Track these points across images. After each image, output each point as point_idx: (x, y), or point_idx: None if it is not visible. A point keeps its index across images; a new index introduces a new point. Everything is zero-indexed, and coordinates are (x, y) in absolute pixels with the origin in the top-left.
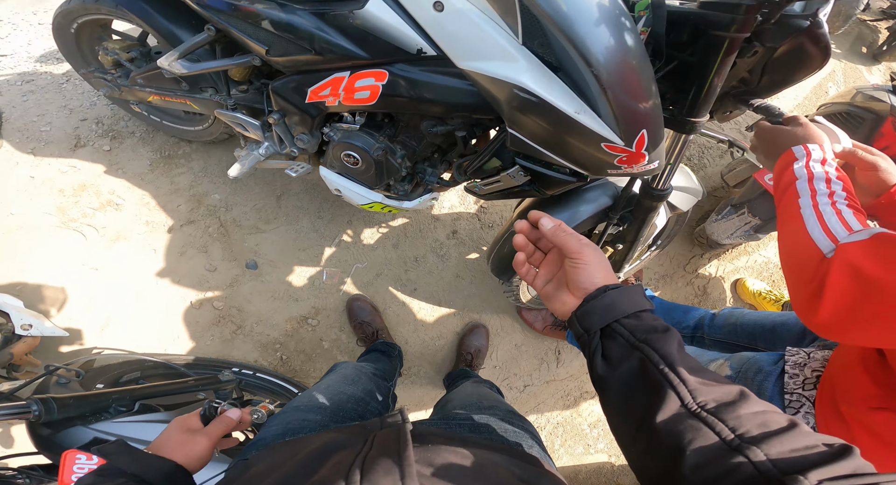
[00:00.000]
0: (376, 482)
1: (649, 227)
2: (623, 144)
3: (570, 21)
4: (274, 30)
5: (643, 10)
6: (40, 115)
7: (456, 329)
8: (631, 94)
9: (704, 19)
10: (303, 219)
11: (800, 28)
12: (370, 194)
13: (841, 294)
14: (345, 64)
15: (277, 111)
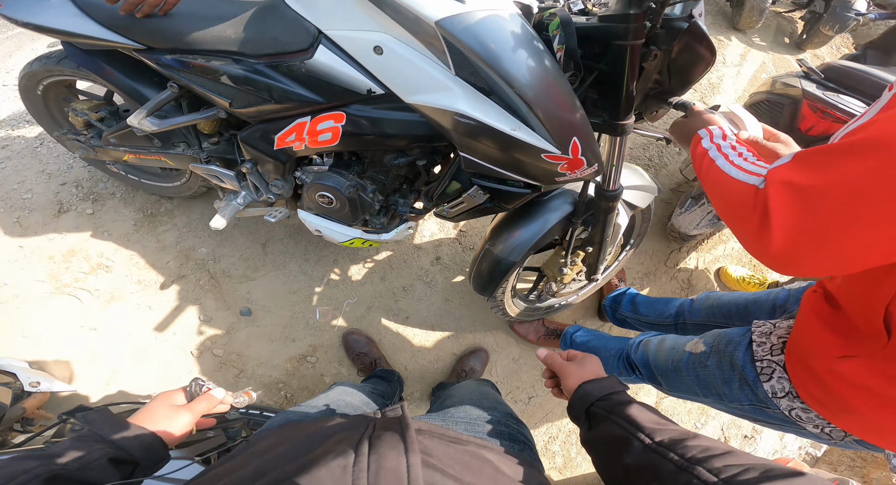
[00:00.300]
0: (383, 454)
1: (612, 226)
2: (559, 152)
3: (488, 52)
4: (233, 84)
5: (555, 30)
6: (20, 183)
7: (453, 351)
8: (555, 107)
9: (607, 32)
10: (290, 263)
11: (681, 29)
12: (349, 231)
13: (785, 213)
14: (304, 110)
15: (249, 160)
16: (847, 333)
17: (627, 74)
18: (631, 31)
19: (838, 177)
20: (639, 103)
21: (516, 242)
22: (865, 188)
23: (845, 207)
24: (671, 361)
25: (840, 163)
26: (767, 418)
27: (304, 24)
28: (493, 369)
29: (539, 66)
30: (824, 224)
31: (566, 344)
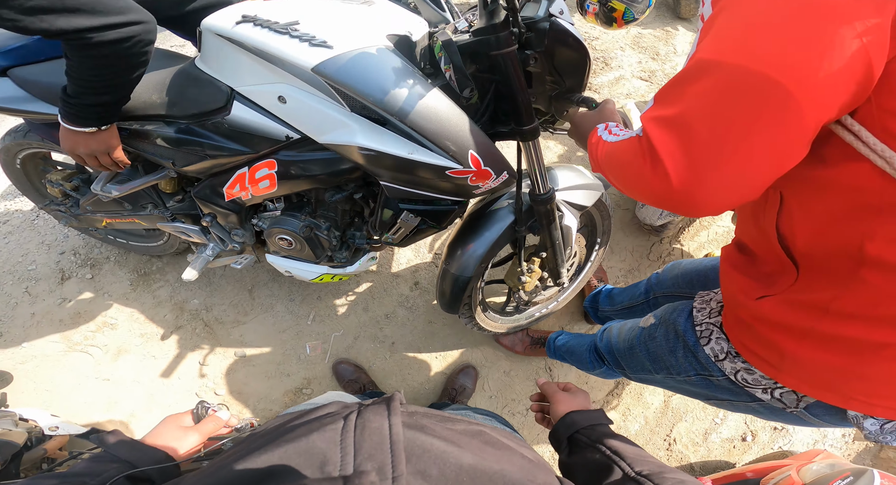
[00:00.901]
0: (368, 418)
1: (560, 229)
2: (461, 166)
3: (362, 87)
4: (169, 145)
5: (440, 52)
6: (24, 256)
7: (442, 370)
8: (439, 126)
9: (484, 46)
10: (276, 305)
11: (545, 29)
12: (315, 269)
13: (669, 146)
14: (239, 161)
15: (208, 214)
16: (760, 276)
17: (515, 81)
18: (501, 40)
19: (693, 101)
20: (547, 106)
21: (468, 257)
22: (717, 106)
23: (713, 126)
24: (627, 340)
25: (688, 89)
26: (716, 392)
27: (217, 85)
28: (485, 384)
29: (412, 91)
30: (706, 145)
31: (551, 351)
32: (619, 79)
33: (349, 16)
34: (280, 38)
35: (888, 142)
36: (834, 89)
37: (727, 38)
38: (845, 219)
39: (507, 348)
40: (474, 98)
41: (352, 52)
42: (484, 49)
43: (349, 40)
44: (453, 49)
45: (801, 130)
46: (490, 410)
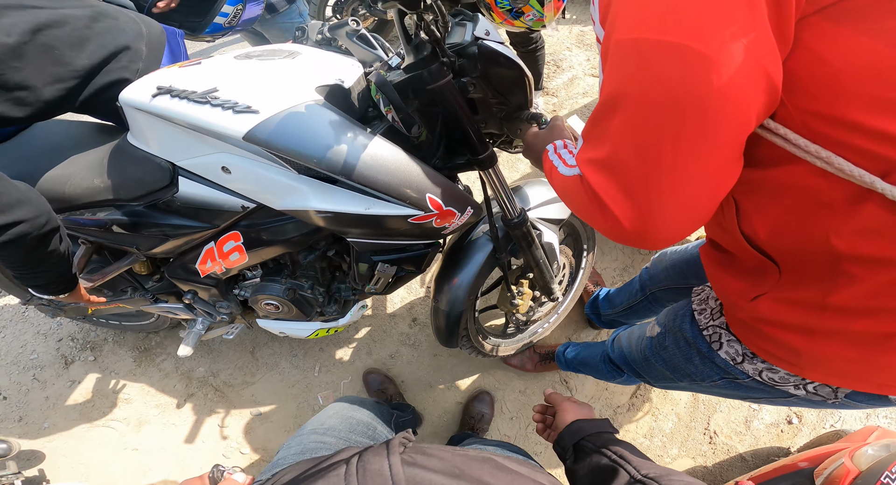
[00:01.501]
0: (368, 460)
1: (542, 247)
2: (422, 212)
3: (297, 149)
4: (126, 231)
5: (377, 95)
6: (23, 347)
7: (458, 400)
8: (392, 176)
9: (418, 81)
10: (281, 362)
11: (475, 53)
12: (308, 326)
13: (609, 190)
14: (204, 236)
15: (188, 291)
16: (745, 273)
17: (459, 112)
18: (432, 74)
19: (616, 140)
20: (500, 128)
21: (455, 292)
22: (639, 140)
23: (643, 162)
24: (640, 351)
25: (607, 127)
26: (748, 392)
27: (156, 161)
28: (502, 406)
29: (352, 144)
30: (642, 183)
31: (563, 364)
32: (572, 79)
33: (271, 74)
34: (201, 109)
35: (819, 141)
36: (742, 101)
37: (628, 70)
38: (802, 217)
39: (518, 368)
40: (423, 135)
41: (279, 114)
42: (419, 84)
43: (274, 101)
44: (389, 89)
45: (726, 145)
46: (512, 431)
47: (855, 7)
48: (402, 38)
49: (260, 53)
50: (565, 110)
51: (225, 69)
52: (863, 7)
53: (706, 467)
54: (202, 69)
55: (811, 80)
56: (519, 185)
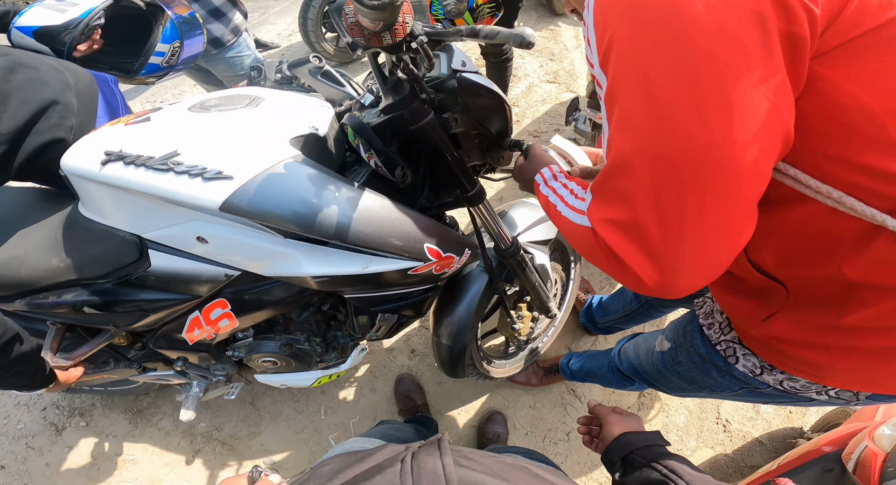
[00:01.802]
0: (422, 459)
1: (535, 271)
2: (421, 262)
3: (281, 216)
4: (99, 310)
5: (355, 140)
6: (6, 417)
7: (470, 423)
8: (387, 231)
9: (398, 123)
10: (284, 409)
11: (454, 87)
12: (310, 375)
13: (631, 251)
14: (187, 307)
15: (177, 359)
16: (753, 293)
17: (443, 151)
18: (413, 114)
19: (634, 200)
20: (482, 157)
21: (456, 326)
22: (660, 201)
23: (664, 223)
24: (652, 364)
25: (624, 186)
26: (769, 399)
27: (118, 235)
28: (515, 423)
29: (342, 204)
30: (665, 243)
31: (569, 376)
32: (530, 87)
33: (236, 128)
34: (164, 178)
35: (829, 181)
36: (764, 156)
37: (641, 128)
38: (812, 249)
39: (524, 384)
40: (409, 178)
41: (257, 178)
42: (400, 126)
43: (248, 163)
44: (368, 133)
45: (748, 200)
46: (530, 445)
47: (865, 44)
48: (378, 79)
49: (217, 103)
50: (528, 119)
51: (181, 126)
52: (871, 44)
53: (727, 454)
54: (154, 127)
55: (824, 123)
56: (503, 210)
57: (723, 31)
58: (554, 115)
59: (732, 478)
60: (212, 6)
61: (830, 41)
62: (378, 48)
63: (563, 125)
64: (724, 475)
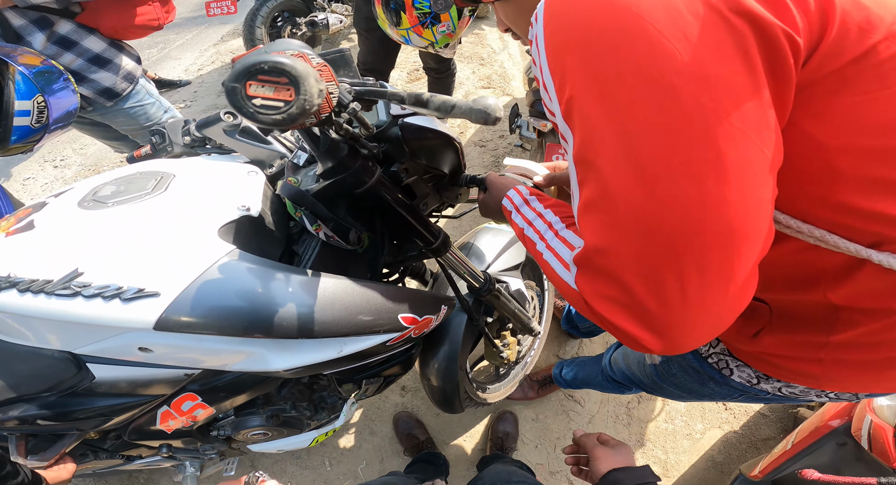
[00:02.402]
0: None
1: (514, 296)
2: (398, 333)
3: (243, 327)
4: (53, 421)
5: (297, 213)
6: None
7: (478, 448)
8: (353, 313)
9: (342, 187)
10: (286, 467)
11: (398, 136)
12: (305, 437)
13: (628, 322)
14: (151, 406)
15: (159, 446)
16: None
17: (398, 210)
18: (357, 175)
19: (626, 277)
20: (438, 198)
21: (444, 366)
22: (655, 278)
23: (663, 300)
24: (646, 376)
25: (611, 267)
26: (771, 401)
27: (46, 353)
28: (523, 438)
29: (298, 299)
30: (666, 318)
31: (563, 384)
32: (466, 94)
33: (146, 226)
34: (72, 305)
35: (810, 221)
36: (765, 213)
37: (624, 198)
38: (795, 280)
39: (521, 399)
40: (365, 241)
41: (191, 290)
42: (348, 189)
43: (172, 272)
44: (310, 202)
45: (752, 259)
46: (542, 458)
47: (847, 76)
48: (307, 142)
49: (114, 191)
50: (471, 129)
51: (75, 232)
52: (853, 76)
53: (735, 431)
54: (41, 237)
55: (806, 164)
56: (467, 242)
57: (707, 77)
58: None
59: (748, 453)
60: (91, 54)
61: (811, 74)
62: (307, 126)
63: (507, 131)
64: (740, 452)
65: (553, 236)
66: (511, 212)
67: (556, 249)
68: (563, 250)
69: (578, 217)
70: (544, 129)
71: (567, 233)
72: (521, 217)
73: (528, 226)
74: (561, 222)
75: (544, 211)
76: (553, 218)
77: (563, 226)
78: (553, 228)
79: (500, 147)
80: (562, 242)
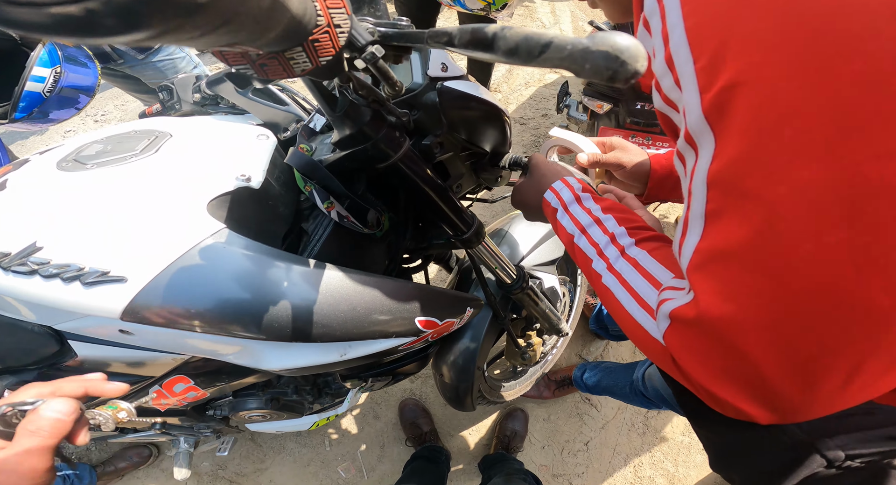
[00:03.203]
0: None
1: (546, 295)
2: (412, 337)
3: (227, 323)
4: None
5: (307, 187)
6: None
7: (482, 443)
8: (361, 318)
9: (364, 160)
10: (287, 443)
11: (435, 102)
12: (306, 420)
13: (740, 395)
14: (141, 386)
15: (153, 424)
16: None
17: (426, 191)
18: (379, 148)
19: (752, 356)
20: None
21: (460, 364)
22: (791, 359)
23: (796, 381)
24: None
25: (738, 342)
26: None
27: (26, 326)
28: (531, 438)
29: (292, 294)
30: (795, 398)
31: (583, 388)
32: (510, 70)
33: (124, 195)
34: (31, 284)
35: None
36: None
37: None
38: None
39: (536, 398)
40: (385, 224)
41: (163, 277)
42: (363, 164)
43: (145, 252)
44: (322, 175)
45: None
46: (547, 460)
47: None
48: (321, 102)
49: (100, 150)
50: (512, 105)
51: (44, 197)
52: None
53: None
54: (10, 199)
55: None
56: (499, 228)
57: None
58: (539, 99)
59: None
60: None
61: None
62: (291, 79)
63: (551, 110)
64: None
65: (619, 256)
66: (557, 210)
67: (628, 279)
68: (639, 283)
69: (694, 264)
70: (599, 110)
71: (639, 254)
72: (571, 219)
73: (580, 233)
74: (628, 235)
75: (603, 216)
76: (615, 227)
77: (632, 242)
78: (617, 243)
79: (543, 126)
80: (635, 269)
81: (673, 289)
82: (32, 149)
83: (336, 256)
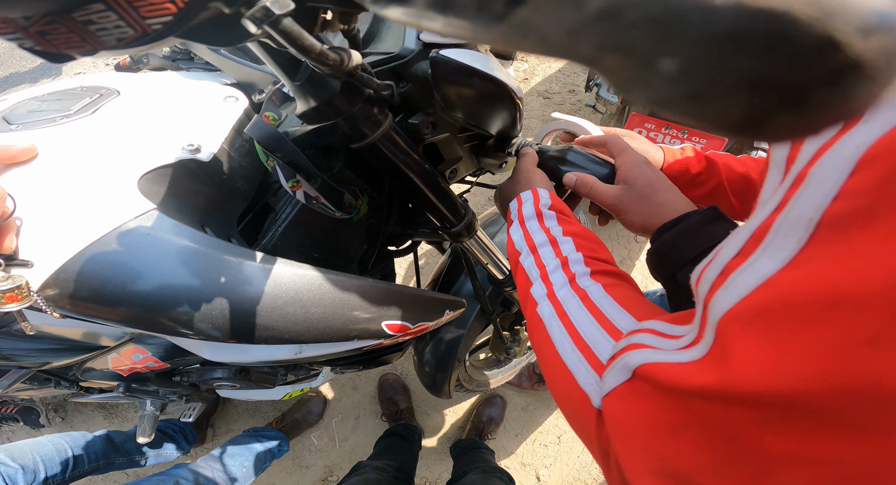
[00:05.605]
0: None
1: None
2: (379, 340)
3: (148, 320)
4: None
5: (269, 161)
6: None
7: (458, 424)
8: (314, 318)
9: (335, 138)
10: (261, 405)
11: (426, 74)
12: (278, 391)
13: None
14: (96, 354)
15: (116, 386)
16: None
17: (411, 174)
18: (354, 126)
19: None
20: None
21: (440, 355)
22: None
23: None
24: None
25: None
26: None
27: None
28: (506, 425)
29: (225, 290)
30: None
31: None
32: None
33: (38, 169)
34: None
35: None
36: None
37: None
38: None
39: (514, 386)
40: (363, 208)
41: (76, 262)
42: (335, 142)
43: (58, 232)
44: (288, 149)
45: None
46: (519, 448)
47: None
48: (278, 72)
49: (32, 109)
50: (538, 77)
51: None
52: None
53: None
54: None
55: None
56: (490, 218)
57: None
58: (568, 73)
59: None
60: None
61: None
62: (114, 54)
63: (579, 87)
64: None
65: (564, 283)
66: (512, 222)
67: (570, 312)
68: (582, 321)
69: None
70: None
71: (592, 286)
72: (524, 234)
73: (528, 252)
74: (583, 264)
75: (562, 238)
76: (572, 252)
77: (587, 271)
78: (568, 269)
79: (568, 102)
80: (582, 303)
81: (654, 333)
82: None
83: (302, 240)
